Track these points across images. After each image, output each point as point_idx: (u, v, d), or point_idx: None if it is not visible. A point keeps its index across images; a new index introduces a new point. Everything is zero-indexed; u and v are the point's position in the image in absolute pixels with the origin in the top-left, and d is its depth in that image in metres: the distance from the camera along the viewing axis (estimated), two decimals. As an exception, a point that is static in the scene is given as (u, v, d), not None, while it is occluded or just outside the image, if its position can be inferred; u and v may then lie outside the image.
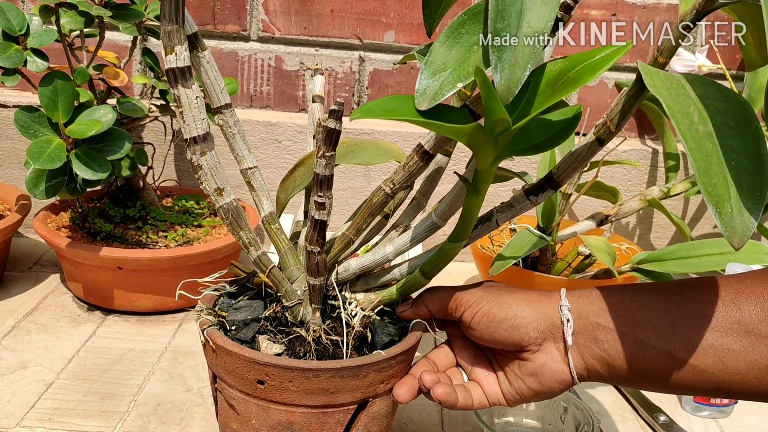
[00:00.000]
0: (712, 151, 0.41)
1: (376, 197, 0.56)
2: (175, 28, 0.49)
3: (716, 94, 0.45)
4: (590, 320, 0.50)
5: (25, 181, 0.72)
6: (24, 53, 0.72)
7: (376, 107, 0.47)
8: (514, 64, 0.42)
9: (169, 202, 0.96)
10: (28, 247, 1.00)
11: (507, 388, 0.54)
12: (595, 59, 0.46)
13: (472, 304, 0.53)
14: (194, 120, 0.51)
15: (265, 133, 1.04)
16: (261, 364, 0.51)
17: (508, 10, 0.42)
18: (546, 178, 0.55)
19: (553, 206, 0.83)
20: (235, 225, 0.55)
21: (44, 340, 0.77)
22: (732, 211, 0.39)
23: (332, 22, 1.03)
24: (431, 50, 0.46)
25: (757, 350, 0.45)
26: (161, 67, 0.88)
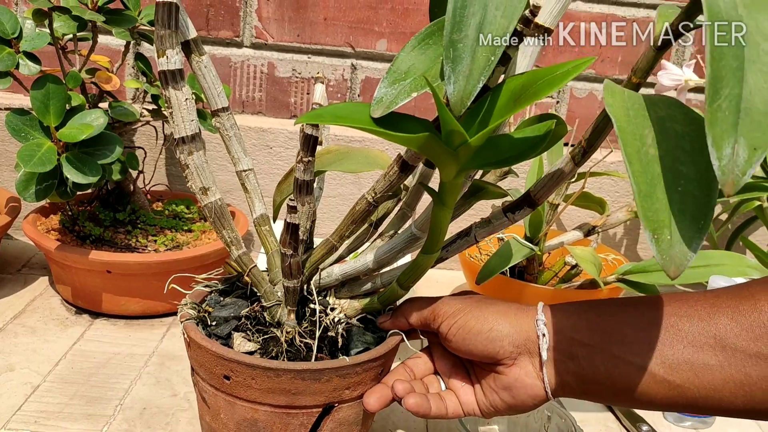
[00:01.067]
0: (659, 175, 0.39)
1: (359, 206, 0.57)
2: (167, 33, 0.50)
3: (679, 117, 0.44)
4: (566, 335, 0.50)
5: (15, 184, 0.72)
6: (16, 56, 0.73)
7: (325, 113, 0.46)
8: (468, 75, 0.42)
9: (159, 207, 0.97)
10: (18, 249, 1.00)
11: (482, 400, 0.54)
12: (556, 74, 0.45)
13: (449, 316, 0.53)
14: (183, 121, 0.52)
15: (257, 139, 1.04)
16: (226, 360, 0.52)
17: (467, 21, 0.42)
18: (523, 197, 0.55)
19: (540, 217, 0.84)
20: (218, 223, 0.56)
21: (32, 343, 0.77)
22: (671, 238, 0.38)
23: (325, 30, 1.04)
24: (395, 59, 0.46)
25: (732, 365, 0.45)
26: (153, 72, 0.88)
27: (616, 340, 0.48)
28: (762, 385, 0.44)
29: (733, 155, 0.35)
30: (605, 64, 1.06)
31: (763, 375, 0.44)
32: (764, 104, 0.35)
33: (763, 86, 0.35)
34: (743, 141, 0.35)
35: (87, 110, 0.75)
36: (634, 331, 0.48)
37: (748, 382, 0.44)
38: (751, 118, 0.35)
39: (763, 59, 0.36)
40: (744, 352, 0.44)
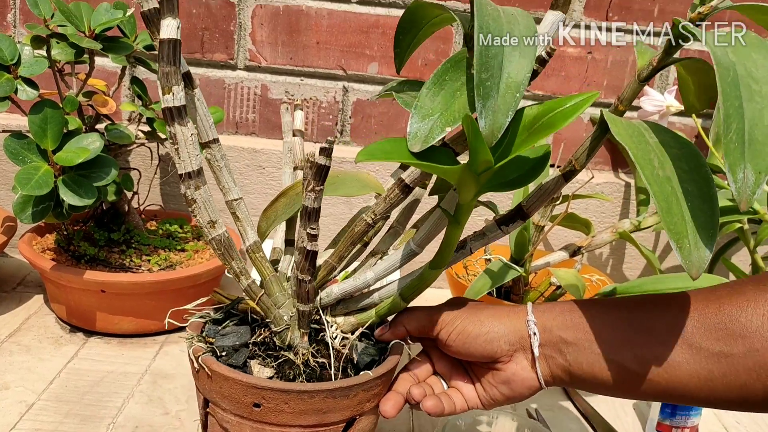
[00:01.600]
0: (672, 193, 0.46)
1: (358, 227, 0.59)
2: (172, 69, 0.52)
3: (671, 141, 0.50)
4: (554, 334, 0.55)
5: (13, 206, 0.74)
6: (15, 82, 0.75)
7: (376, 150, 0.50)
8: (497, 111, 0.46)
9: (153, 226, 0.98)
10: (13, 267, 1.01)
11: (483, 394, 0.59)
12: (566, 107, 0.51)
13: (447, 324, 0.58)
14: (189, 156, 0.54)
15: (250, 160, 1.06)
16: (258, 388, 0.54)
17: (491, 62, 0.46)
18: (516, 210, 0.59)
19: (524, 239, 0.86)
20: (227, 255, 0.58)
21: (26, 362, 0.79)
22: (690, 246, 0.44)
23: (318, 53, 1.06)
24: (419, 96, 0.49)
25: (697, 362, 0.50)
26: (149, 96, 0.90)
27: (596, 339, 0.54)
28: (723, 381, 0.49)
29: (744, 179, 0.42)
30: (591, 88, 1.08)
31: (723, 372, 0.49)
32: (763, 135, 0.42)
33: (759, 120, 0.42)
34: (750, 167, 0.42)
35: (83, 134, 0.77)
36: (612, 331, 0.53)
37: (711, 377, 0.50)
38: (754, 148, 0.42)
39: (755, 98, 0.43)
40: (708, 351, 0.50)
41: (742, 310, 0.49)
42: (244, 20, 1.05)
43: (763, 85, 0.44)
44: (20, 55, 0.76)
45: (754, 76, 0.44)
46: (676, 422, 0.76)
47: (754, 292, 0.50)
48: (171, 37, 0.51)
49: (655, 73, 0.54)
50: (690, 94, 0.58)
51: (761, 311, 0.49)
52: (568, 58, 1.07)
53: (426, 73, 1.06)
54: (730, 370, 0.49)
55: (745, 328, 0.49)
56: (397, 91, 0.60)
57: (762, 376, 0.48)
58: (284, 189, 0.66)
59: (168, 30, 0.51)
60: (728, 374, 0.49)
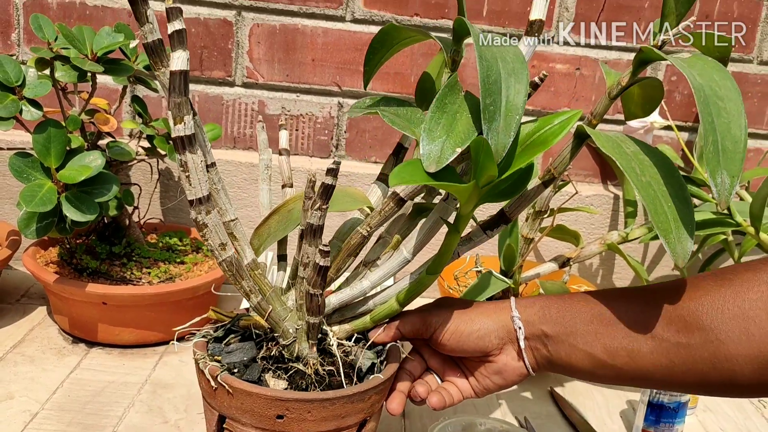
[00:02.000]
0: (655, 196, 0.52)
1: (354, 239, 0.62)
2: (184, 100, 0.53)
3: (644, 149, 0.56)
4: (536, 327, 0.61)
5: (17, 222, 0.77)
6: (20, 103, 0.78)
7: (403, 173, 0.53)
8: (500, 131, 0.51)
9: (153, 239, 1.01)
10: (18, 279, 1.04)
11: (476, 385, 0.65)
12: (554, 124, 0.57)
13: (440, 324, 0.62)
14: (199, 182, 0.55)
15: (248, 174, 1.09)
16: (283, 400, 0.56)
17: (492, 88, 0.51)
18: (499, 214, 0.63)
19: (513, 251, 0.88)
20: (237, 276, 0.59)
21: (30, 372, 0.81)
22: (675, 240, 0.50)
23: (313, 70, 1.09)
24: (426, 120, 0.53)
25: (660, 352, 0.55)
26: (149, 113, 0.93)
27: (571, 332, 0.59)
28: (682, 368, 0.54)
29: (722, 182, 0.49)
30: (579, 103, 1.11)
31: (683, 360, 0.54)
32: (732, 144, 0.50)
33: (727, 132, 0.50)
34: (725, 172, 0.49)
35: (86, 151, 0.80)
36: (584, 325, 0.59)
37: (672, 365, 0.55)
38: (726, 156, 0.50)
39: (722, 114, 0.50)
40: (669, 342, 0.54)
41: (699, 303, 0.53)
42: (241, 39, 1.08)
43: (727, 102, 0.51)
44: (25, 77, 0.79)
45: (719, 95, 0.51)
46: (660, 429, 0.78)
47: (712, 287, 0.54)
48: (182, 68, 0.52)
49: (623, 91, 0.59)
50: (632, 104, 0.64)
51: (717, 305, 0.53)
52: (558, 75, 1.10)
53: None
54: (689, 360, 0.54)
55: (701, 321, 0.53)
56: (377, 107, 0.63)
57: (717, 365, 0.52)
58: (276, 207, 0.68)
59: (179, 62, 0.52)
60: (687, 363, 0.54)
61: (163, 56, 0.56)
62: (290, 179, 0.74)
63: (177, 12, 0.52)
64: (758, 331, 0.51)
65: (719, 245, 1.09)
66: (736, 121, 0.50)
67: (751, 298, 0.52)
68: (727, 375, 0.53)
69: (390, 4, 1.07)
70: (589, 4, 1.08)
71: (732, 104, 0.51)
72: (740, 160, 0.50)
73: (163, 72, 0.56)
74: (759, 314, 0.51)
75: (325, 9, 1.07)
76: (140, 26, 0.55)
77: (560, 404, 0.86)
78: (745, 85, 1.12)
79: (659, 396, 0.77)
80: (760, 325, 0.51)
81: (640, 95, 0.62)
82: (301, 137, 1.13)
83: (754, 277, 0.53)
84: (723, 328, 0.52)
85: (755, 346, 0.51)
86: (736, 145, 0.50)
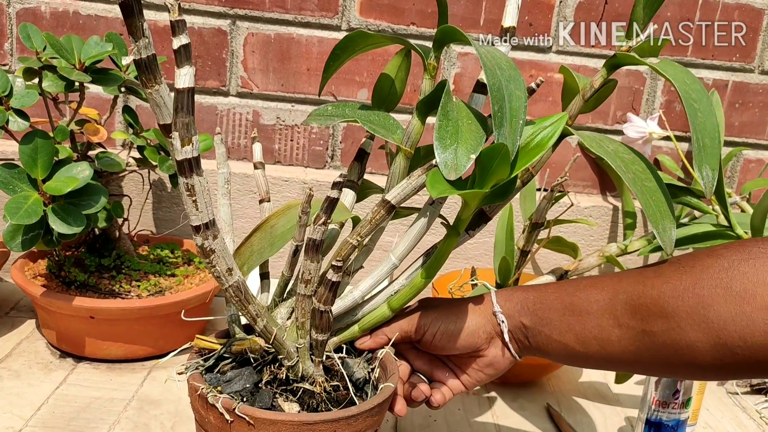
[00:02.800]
0: (642, 189, 0.56)
1: (344, 250, 0.61)
2: (191, 119, 0.49)
3: (621, 148, 0.60)
4: (516, 319, 0.63)
5: (2, 234, 0.76)
6: (6, 113, 0.76)
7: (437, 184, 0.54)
8: (509, 136, 0.53)
9: (145, 251, 1.00)
10: (7, 291, 1.03)
11: (467, 380, 0.66)
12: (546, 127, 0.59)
13: (429, 326, 0.63)
14: (206, 206, 0.51)
15: (241, 184, 1.08)
16: (309, 424, 0.54)
17: (498, 95, 0.53)
18: (479, 214, 0.64)
19: (508, 264, 0.87)
20: (244, 300, 0.57)
21: (15, 387, 0.80)
22: (663, 229, 0.55)
23: (308, 79, 1.08)
24: (436, 129, 0.54)
25: (627, 339, 0.57)
26: (140, 123, 0.92)
27: (545, 323, 0.61)
28: (648, 354, 0.56)
29: (707, 175, 0.54)
30: (578, 113, 1.10)
31: (648, 347, 0.56)
32: (709, 140, 0.55)
33: (705, 129, 0.55)
34: (707, 166, 0.54)
35: (73, 163, 0.78)
36: (557, 316, 0.61)
37: (639, 352, 0.56)
38: (706, 152, 0.55)
39: (698, 114, 0.55)
40: (634, 330, 0.56)
41: (661, 291, 0.55)
42: (236, 48, 1.07)
43: (699, 103, 0.55)
44: (12, 86, 0.78)
45: (693, 97, 0.55)
46: (658, 446, 0.76)
47: (674, 275, 0.55)
48: (189, 86, 0.48)
49: (596, 93, 0.62)
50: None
51: (677, 292, 0.54)
52: (555, 84, 1.09)
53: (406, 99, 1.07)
54: (653, 347, 0.55)
55: (663, 309, 0.54)
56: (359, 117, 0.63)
57: (679, 352, 0.54)
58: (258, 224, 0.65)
59: (186, 79, 0.48)
60: (652, 349, 0.55)
61: (157, 73, 0.50)
62: (267, 193, 0.72)
63: (182, 25, 0.48)
64: (716, 318, 0.51)
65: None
66: (710, 120, 0.55)
67: (710, 285, 0.52)
68: (689, 360, 0.54)
69: (386, 13, 1.06)
70: (587, 12, 1.06)
71: (703, 105, 0.55)
72: (717, 155, 0.55)
73: (156, 89, 0.50)
74: (717, 300, 0.52)
75: (321, 18, 1.06)
76: (135, 41, 0.49)
77: (557, 421, 0.84)
78: (747, 95, 1.10)
79: (658, 413, 0.76)
80: (718, 312, 0.51)
81: None
82: (296, 147, 1.11)
83: (715, 264, 0.53)
84: (683, 315, 0.53)
85: (714, 332, 0.52)
86: (713, 141, 0.55)
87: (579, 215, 1.10)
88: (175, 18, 0.47)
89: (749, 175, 1.13)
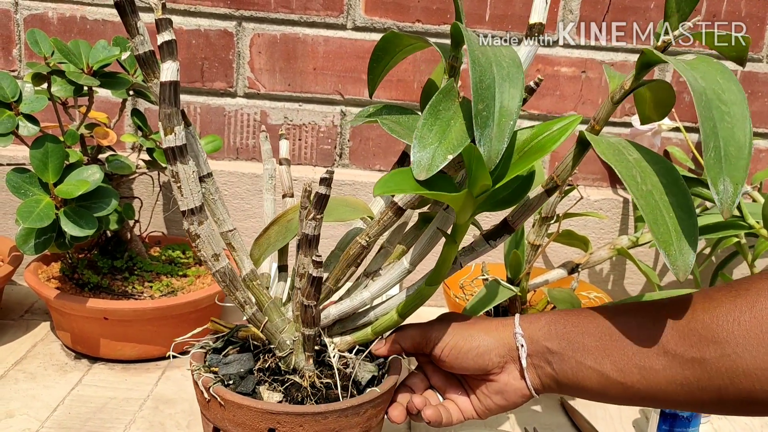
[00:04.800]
0: (656, 206, 0.50)
1: (353, 249, 0.61)
2: (174, 111, 0.53)
3: (647, 156, 0.54)
4: (540, 344, 0.58)
5: (15, 238, 0.76)
6: (16, 119, 0.77)
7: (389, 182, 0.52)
8: (494, 138, 0.49)
9: (156, 252, 1.00)
10: (21, 294, 1.04)
11: (477, 405, 0.62)
12: (553, 130, 0.55)
13: (440, 340, 0.60)
14: (191, 193, 0.55)
15: (251, 185, 1.08)
16: (273, 413, 0.55)
17: (485, 93, 0.49)
18: (502, 224, 0.62)
19: (519, 259, 0.86)
20: (231, 287, 0.59)
21: (31, 389, 0.80)
22: (676, 252, 0.48)
23: (315, 79, 1.08)
24: (418, 128, 0.51)
25: (673, 368, 0.52)
26: (149, 126, 0.93)
27: (578, 348, 0.56)
28: (698, 385, 0.51)
29: (725, 190, 0.46)
30: (586, 106, 1.09)
31: (698, 377, 0.51)
32: (735, 150, 0.47)
33: (731, 137, 0.47)
34: (728, 179, 0.47)
35: (84, 166, 0.79)
36: (593, 341, 0.56)
37: (687, 382, 0.52)
38: (729, 162, 0.47)
39: (725, 119, 0.47)
40: (682, 357, 0.51)
41: (714, 316, 0.51)
42: (242, 49, 1.07)
43: (731, 106, 0.48)
44: (21, 92, 0.78)
45: (722, 99, 0.48)
46: (673, 439, 0.76)
47: (726, 298, 0.51)
48: (171, 79, 0.52)
49: (627, 95, 0.57)
50: (646, 107, 0.61)
51: (732, 317, 0.50)
52: (563, 78, 1.09)
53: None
54: (704, 375, 0.51)
55: (716, 334, 0.50)
56: (378, 115, 0.62)
57: (735, 380, 0.49)
58: (275, 217, 0.67)
59: (168, 73, 0.52)
60: (703, 379, 0.51)
61: (155, 67, 0.56)
62: (291, 189, 0.73)
63: (166, 23, 0.52)
64: None
65: (732, 248, 1.07)
66: (741, 126, 0.47)
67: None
68: (745, 391, 0.49)
69: (391, 11, 1.06)
70: (593, 6, 1.06)
71: (737, 108, 0.48)
72: (745, 167, 0.47)
73: (155, 83, 0.56)
74: None
75: (326, 17, 1.06)
76: (131, 38, 0.54)
77: (571, 415, 0.84)
78: (755, 84, 1.10)
79: (672, 405, 0.75)
80: None
81: (652, 99, 0.60)
82: (304, 147, 1.12)
83: None
84: (740, 340, 0.49)
85: None
86: (740, 151, 0.47)
87: (589, 209, 1.10)
88: (159, 17, 0.52)
89: (760, 164, 1.13)
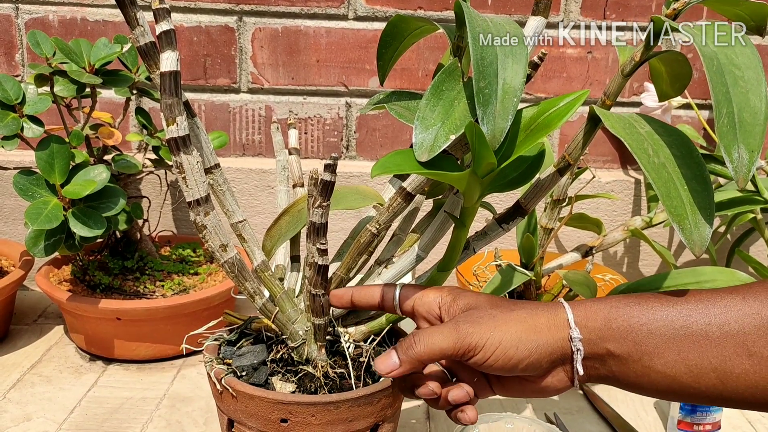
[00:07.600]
0: (669, 178, 0.48)
1: (363, 237, 0.60)
2: (175, 101, 0.52)
3: (659, 129, 0.52)
4: (600, 346, 0.50)
5: (25, 241, 0.76)
6: (21, 120, 0.77)
7: (388, 163, 0.51)
8: (497, 116, 0.48)
9: (167, 251, 1.00)
10: (33, 299, 1.04)
11: (500, 391, 0.55)
12: (560, 106, 0.54)
13: (483, 348, 0.50)
14: (196, 183, 0.54)
15: (258, 180, 1.08)
16: (285, 404, 0.55)
17: (487, 70, 0.47)
18: (515, 207, 0.60)
19: (532, 243, 0.85)
20: (240, 277, 0.59)
21: (48, 392, 0.80)
22: (691, 226, 0.46)
23: (318, 71, 1.08)
24: (420, 108, 0.50)
25: (758, 372, 0.45)
26: (154, 124, 0.92)
27: (647, 352, 0.48)
28: None
29: (739, 158, 0.45)
30: (594, 87, 1.08)
31: None
32: (750, 116, 0.45)
33: (746, 103, 0.45)
34: (743, 147, 0.45)
35: (90, 166, 0.79)
36: (664, 341, 0.48)
37: None
38: (744, 129, 0.45)
39: (739, 83, 0.46)
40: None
41: None
42: (244, 44, 1.06)
43: (745, 71, 0.46)
44: (24, 94, 0.78)
45: (735, 63, 0.47)
46: (696, 419, 0.75)
47: None
48: (171, 69, 0.52)
49: (638, 67, 0.55)
50: (663, 83, 0.59)
51: None
52: (569, 59, 1.07)
53: (427, 83, 1.06)
54: None
55: None
56: (387, 102, 0.61)
57: None
58: (286, 207, 0.67)
59: (168, 63, 0.51)
60: None
61: (157, 59, 0.55)
62: (301, 179, 0.73)
63: (164, 13, 0.52)
64: None
65: (748, 225, 1.05)
66: (756, 91, 0.45)
67: None
68: None
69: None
70: (597, -16, 1.05)
71: (751, 72, 0.46)
72: (761, 133, 0.45)
73: (157, 74, 0.55)
74: None
75: (327, 8, 1.05)
76: (131, 30, 0.54)
77: (591, 398, 0.83)
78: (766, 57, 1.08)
79: (694, 384, 0.74)
80: None
81: (667, 73, 0.58)
82: (311, 140, 1.11)
83: None
84: None
85: None
86: (756, 117, 0.45)
87: (600, 191, 1.08)
88: (157, 6, 0.51)
89: (773, 139, 1.11)
